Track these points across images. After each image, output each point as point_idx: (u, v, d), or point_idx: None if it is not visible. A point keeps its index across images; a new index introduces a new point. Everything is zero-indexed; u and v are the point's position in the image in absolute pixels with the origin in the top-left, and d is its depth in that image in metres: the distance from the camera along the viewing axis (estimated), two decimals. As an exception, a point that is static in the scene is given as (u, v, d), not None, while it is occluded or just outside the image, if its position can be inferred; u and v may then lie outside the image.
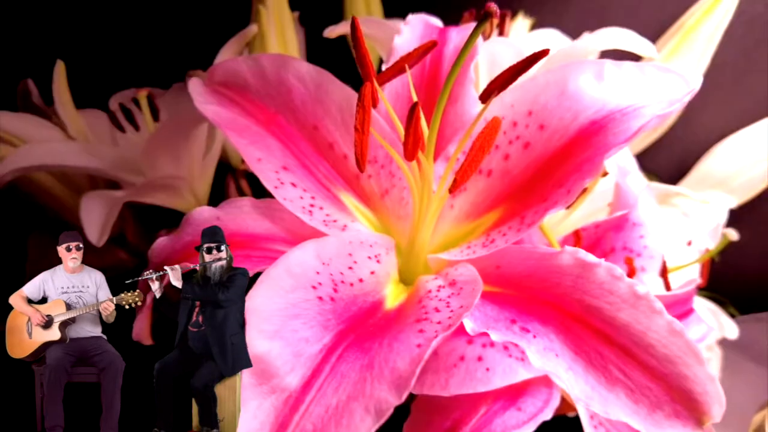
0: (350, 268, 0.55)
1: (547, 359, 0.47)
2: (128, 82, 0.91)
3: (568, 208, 0.75)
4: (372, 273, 0.56)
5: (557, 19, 0.95)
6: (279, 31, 0.87)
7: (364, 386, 0.43)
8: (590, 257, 0.50)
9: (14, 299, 0.61)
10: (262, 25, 0.83)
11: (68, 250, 0.60)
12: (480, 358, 0.53)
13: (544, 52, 0.51)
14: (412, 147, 0.51)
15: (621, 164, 0.72)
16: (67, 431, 0.56)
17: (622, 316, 0.47)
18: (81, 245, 0.61)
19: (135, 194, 0.77)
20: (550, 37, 0.86)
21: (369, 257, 0.57)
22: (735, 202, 0.97)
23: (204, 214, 0.59)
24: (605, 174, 0.74)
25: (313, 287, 0.50)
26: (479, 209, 0.61)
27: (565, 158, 0.57)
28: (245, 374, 0.45)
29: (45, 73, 0.84)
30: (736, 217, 0.93)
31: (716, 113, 1.06)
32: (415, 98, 0.51)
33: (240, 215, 0.59)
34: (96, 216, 0.71)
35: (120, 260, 0.89)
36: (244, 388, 0.44)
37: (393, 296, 0.56)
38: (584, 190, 0.75)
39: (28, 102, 0.90)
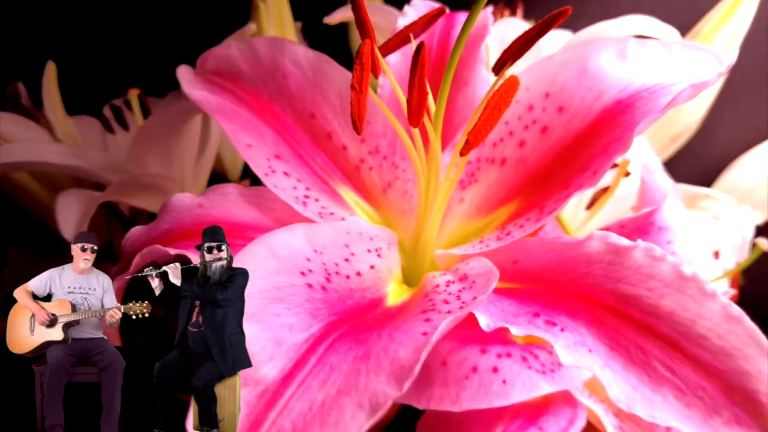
0: (347, 260, 0.49)
1: (578, 355, 0.40)
2: (123, 87, 0.88)
3: (588, 208, 0.70)
4: (372, 267, 0.50)
5: (571, 26, 0.91)
6: (279, 30, 0.84)
7: (358, 379, 0.37)
8: (623, 241, 0.44)
9: (19, 293, 0.58)
10: (261, 22, 0.80)
11: (83, 250, 0.58)
12: (495, 369, 0.46)
13: (564, 12, 0.46)
14: (416, 105, 0.45)
15: (646, 162, 0.66)
16: (67, 431, 0.54)
17: (666, 303, 0.40)
18: (96, 248, 0.59)
19: (116, 192, 0.72)
20: (564, 37, 0.82)
21: (368, 250, 0.51)
22: (760, 218, 0.91)
23: (185, 201, 0.54)
24: (627, 174, 0.69)
25: (302, 273, 0.44)
26: (492, 202, 0.56)
27: (589, 140, 0.51)
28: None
29: (38, 78, 0.82)
30: (761, 233, 0.87)
31: (737, 124, 1.01)
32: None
33: (225, 203, 0.54)
34: (72, 214, 0.66)
35: (107, 272, 0.84)
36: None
37: (395, 295, 0.50)
38: (606, 190, 0.70)
39: (17, 104, 0.87)
